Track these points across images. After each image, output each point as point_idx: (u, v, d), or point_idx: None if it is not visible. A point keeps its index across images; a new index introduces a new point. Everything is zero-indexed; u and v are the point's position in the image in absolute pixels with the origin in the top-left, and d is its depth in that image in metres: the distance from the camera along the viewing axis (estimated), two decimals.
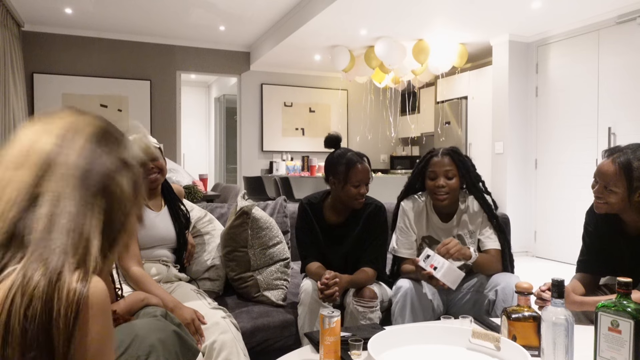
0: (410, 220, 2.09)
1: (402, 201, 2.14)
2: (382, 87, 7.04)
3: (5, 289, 0.58)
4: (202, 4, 5.21)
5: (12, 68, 5.13)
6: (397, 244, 2.11)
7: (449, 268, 1.75)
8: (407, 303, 1.85)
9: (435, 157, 2.03)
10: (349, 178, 1.97)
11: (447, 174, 1.98)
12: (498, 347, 1.28)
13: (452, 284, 1.77)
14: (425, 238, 2.11)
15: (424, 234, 2.11)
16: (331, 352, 1.29)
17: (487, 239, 2.04)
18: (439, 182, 1.98)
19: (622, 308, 1.14)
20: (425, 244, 2.11)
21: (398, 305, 1.87)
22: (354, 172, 1.97)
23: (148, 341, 1.19)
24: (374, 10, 4.66)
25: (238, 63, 7.07)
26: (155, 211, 1.96)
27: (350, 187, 1.98)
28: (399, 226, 2.12)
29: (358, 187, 1.98)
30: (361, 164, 2.00)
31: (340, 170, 1.99)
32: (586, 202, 1.96)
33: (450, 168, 1.99)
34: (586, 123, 4.87)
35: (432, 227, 2.10)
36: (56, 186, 0.66)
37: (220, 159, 8.79)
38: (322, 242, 2.11)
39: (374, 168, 7.79)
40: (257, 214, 2.15)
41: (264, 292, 2.09)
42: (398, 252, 2.09)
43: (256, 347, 1.89)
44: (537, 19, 4.86)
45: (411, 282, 1.91)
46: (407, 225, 2.09)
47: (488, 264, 1.97)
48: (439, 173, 1.99)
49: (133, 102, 6.51)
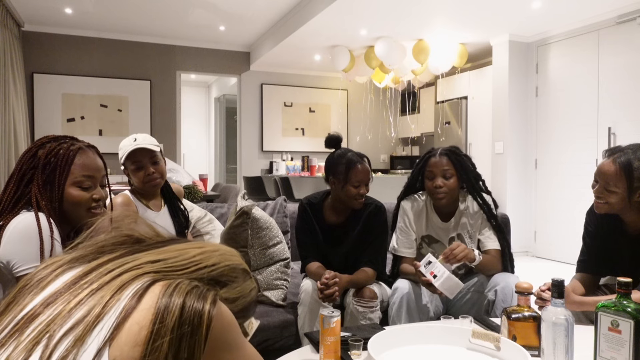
0: (410, 220, 2.09)
1: (402, 201, 2.15)
2: (382, 87, 7.04)
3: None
4: (202, 4, 5.21)
5: (12, 68, 5.13)
6: (397, 243, 2.11)
7: (449, 278, 1.73)
8: (404, 304, 1.85)
9: (433, 157, 2.03)
10: (349, 178, 1.98)
11: (444, 173, 1.98)
12: (498, 347, 1.28)
13: (450, 294, 1.76)
14: (425, 237, 2.11)
15: (424, 233, 2.11)
16: (331, 352, 1.29)
17: (486, 239, 2.04)
18: (436, 182, 1.99)
19: (622, 308, 1.14)
20: (425, 243, 2.11)
21: (395, 306, 1.87)
22: (354, 173, 1.98)
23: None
24: (374, 10, 4.66)
25: (238, 63, 7.07)
26: (155, 211, 1.96)
27: (350, 187, 1.98)
28: (399, 225, 2.12)
29: (358, 187, 1.99)
30: (361, 164, 2.00)
31: (340, 170, 2.00)
32: (586, 202, 1.96)
33: (448, 168, 1.99)
34: (586, 123, 4.87)
35: (432, 226, 2.10)
36: None
37: (220, 159, 8.79)
38: (322, 242, 2.11)
39: (374, 168, 7.77)
40: (257, 214, 2.15)
41: (264, 292, 2.09)
42: (398, 251, 2.10)
43: (256, 347, 1.87)
44: (537, 19, 4.86)
45: (410, 283, 1.91)
46: (407, 224, 2.10)
47: (488, 265, 1.97)
48: (437, 173, 1.99)
49: (133, 102, 6.51)
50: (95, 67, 6.32)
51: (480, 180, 2.09)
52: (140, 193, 1.96)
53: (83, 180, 1.32)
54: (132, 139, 1.92)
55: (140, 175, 1.90)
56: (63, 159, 1.30)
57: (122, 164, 1.92)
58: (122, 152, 1.91)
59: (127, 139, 1.93)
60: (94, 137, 6.25)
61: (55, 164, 1.29)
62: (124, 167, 1.94)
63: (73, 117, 6.21)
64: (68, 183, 1.30)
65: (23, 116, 5.45)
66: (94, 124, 6.32)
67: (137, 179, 1.91)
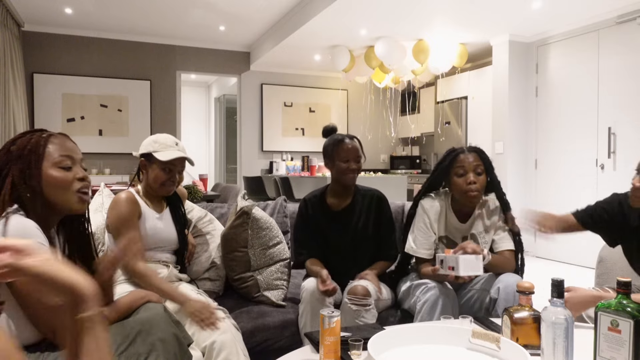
0: (431, 219, 2.06)
1: (422, 200, 2.11)
2: (382, 87, 7.04)
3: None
4: (202, 4, 5.21)
5: (12, 68, 5.13)
6: (415, 243, 2.06)
7: (464, 260, 1.75)
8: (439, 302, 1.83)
9: (462, 153, 2.00)
10: (337, 154, 2.10)
11: (476, 169, 1.96)
12: (498, 347, 1.28)
13: (478, 271, 1.77)
14: (443, 238, 2.08)
15: (442, 234, 2.08)
16: (331, 352, 1.29)
17: (501, 240, 2.03)
18: (469, 178, 1.94)
19: (621, 308, 1.14)
20: (443, 244, 2.08)
21: (427, 304, 1.84)
22: (341, 148, 2.10)
23: (149, 339, 1.20)
24: (374, 10, 4.66)
25: (238, 63, 7.07)
26: (157, 212, 1.94)
27: (340, 163, 2.10)
28: (419, 225, 2.07)
29: (347, 162, 2.09)
30: (348, 140, 2.12)
31: (329, 150, 2.14)
32: (586, 202, 1.96)
33: (479, 164, 1.97)
34: (586, 123, 4.87)
35: (450, 227, 2.07)
36: None
37: (220, 159, 8.79)
38: (327, 231, 2.16)
39: (374, 168, 7.81)
40: (257, 214, 2.15)
41: (264, 292, 2.09)
42: (417, 253, 2.05)
43: (256, 347, 1.89)
44: (537, 19, 4.87)
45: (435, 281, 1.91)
46: (427, 225, 2.06)
47: (501, 265, 1.96)
48: (469, 169, 1.96)
49: (133, 102, 6.51)
50: (95, 67, 6.32)
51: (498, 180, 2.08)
52: (146, 193, 1.93)
53: (61, 159, 1.24)
54: (173, 142, 1.87)
55: (163, 177, 1.85)
56: (36, 145, 1.23)
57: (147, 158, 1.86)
58: (160, 148, 1.84)
59: (168, 139, 1.88)
60: (94, 137, 6.25)
61: (29, 151, 1.22)
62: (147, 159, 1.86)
63: (73, 117, 6.21)
64: (46, 166, 1.22)
65: (23, 116, 5.45)
66: (94, 124, 6.32)
67: (157, 177, 1.85)
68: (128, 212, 1.79)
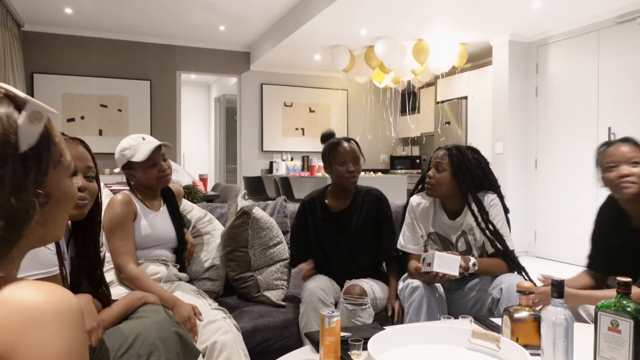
0: (416, 216, 2.10)
1: (411, 197, 2.17)
2: (382, 87, 7.04)
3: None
4: (202, 4, 5.21)
5: (12, 68, 5.13)
6: (403, 239, 2.12)
7: (439, 257, 1.75)
8: (424, 302, 1.83)
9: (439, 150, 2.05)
10: (334, 157, 2.11)
11: (437, 165, 2.00)
12: (498, 347, 1.28)
13: (453, 271, 1.75)
14: (432, 235, 2.10)
15: (430, 230, 2.09)
16: (331, 352, 1.29)
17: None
18: (429, 172, 2.02)
19: (621, 308, 1.14)
20: (432, 240, 2.09)
21: (414, 304, 1.84)
22: (337, 152, 2.11)
23: (150, 340, 1.19)
24: (374, 10, 4.66)
25: (238, 63, 7.07)
26: (154, 211, 1.95)
27: (337, 167, 2.10)
28: (406, 221, 2.13)
29: (344, 164, 2.09)
30: (344, 143, 2.12)
31: (327, 154, 2.15)
32: (586, 202, 1.97)
33: (441, 161, 1.99)
34: (586, 123, 4.87)
35: (439, 223, 2.09)
36: None
37: (220, 159, 8.79)
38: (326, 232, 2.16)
39: (374, 168, 7.81)
40: (257, 214, 2.15)
41: (264, 292, 2.09)
42: (405, 248, 2.10)
43: (256, 347, 1.89)
44: (537, 19, 4.86)
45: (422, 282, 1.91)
46: (413, 220, 2.11)
47: (493, 267, 1.95)
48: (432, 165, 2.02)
49: (133, 102, 6.51)
50: (95, 67, 6.32)
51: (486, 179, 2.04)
52: (142, 192, 1.94)
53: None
54: (139, 138, 1.88)
55: (154, 173, 1.87)
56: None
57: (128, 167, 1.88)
58: (132, 152, 1.85)
59: (133, 139, 1.88)
60: (94, 137, 6.25)
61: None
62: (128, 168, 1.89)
63: (73, 117, 6.21)
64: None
65: None
66: (94, 124, 6.32)
67: (149, 176, 1.87)
68: (121, 214, 1.80)
